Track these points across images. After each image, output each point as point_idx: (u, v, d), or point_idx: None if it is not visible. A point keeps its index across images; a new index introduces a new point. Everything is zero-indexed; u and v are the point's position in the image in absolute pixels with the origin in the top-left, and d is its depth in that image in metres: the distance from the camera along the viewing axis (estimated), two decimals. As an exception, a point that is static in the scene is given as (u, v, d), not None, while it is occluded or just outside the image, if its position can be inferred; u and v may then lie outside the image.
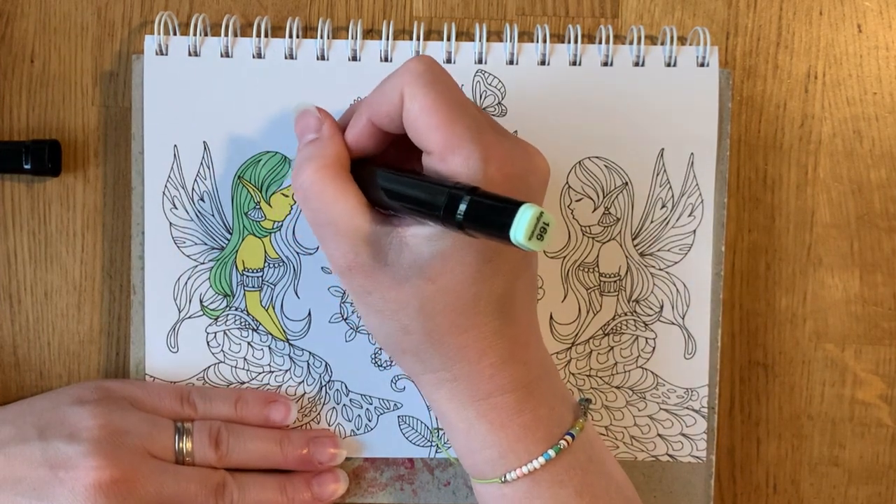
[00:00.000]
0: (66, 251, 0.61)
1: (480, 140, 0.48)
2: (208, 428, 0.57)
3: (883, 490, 0.64)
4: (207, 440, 0.57)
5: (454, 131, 0.48)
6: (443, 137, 0.48)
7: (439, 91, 0.49)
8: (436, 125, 0.49)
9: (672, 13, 0.62)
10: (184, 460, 0.57)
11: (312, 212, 0.51)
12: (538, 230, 0.42)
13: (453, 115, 0.49)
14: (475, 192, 0.45)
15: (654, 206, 0.60)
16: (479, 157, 0.48)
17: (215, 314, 0.60)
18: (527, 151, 0.51)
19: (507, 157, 0.49)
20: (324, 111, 0.54)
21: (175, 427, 0.57)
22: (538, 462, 0.51)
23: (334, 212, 0.51)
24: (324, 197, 0.51)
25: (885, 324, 0.63)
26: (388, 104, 0.50)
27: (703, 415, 0.61)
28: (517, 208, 0.42)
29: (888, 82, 0.62)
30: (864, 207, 0.63)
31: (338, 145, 0.52)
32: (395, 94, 0.50)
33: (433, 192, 0.46)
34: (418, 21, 0.61)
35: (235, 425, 0.58)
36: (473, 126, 0.49)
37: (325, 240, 0.52)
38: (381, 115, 0.51)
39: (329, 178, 0.51)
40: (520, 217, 0.42)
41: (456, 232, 0.46)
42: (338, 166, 0.52)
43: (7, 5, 0.61)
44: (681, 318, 0.61)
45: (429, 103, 0.49)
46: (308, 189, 0.51)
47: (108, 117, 0.61)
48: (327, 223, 0.51)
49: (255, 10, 0.61)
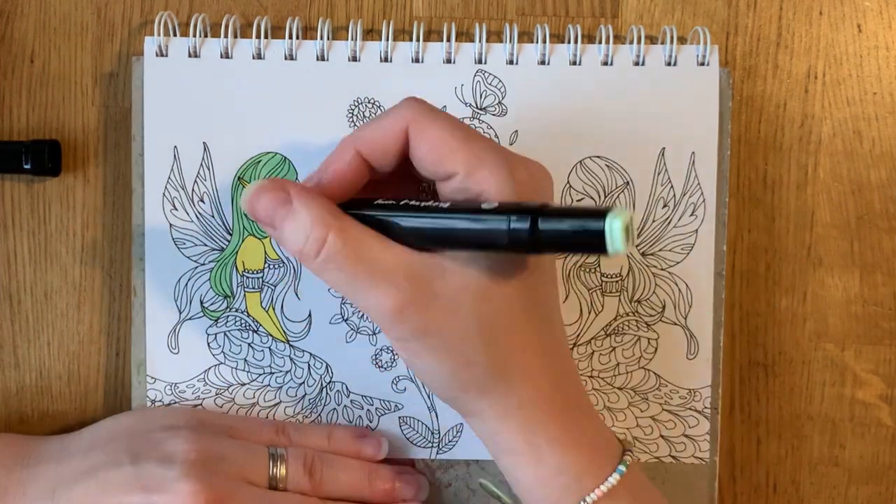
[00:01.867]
0: (66, 251, 0.61)
1: (501, 151, 0.49)
2: (303, 455, 0.57)
3: (883, 490, 0.64)
4: (302, 468, 0.56)
5: (474, 148, 0.49)
6: (465, 156, 0.48)
7: (445, 119, 0.50)
8: (456, 147, 0.49)
9: (672, 13, 0.62)
10: (277, 486, 0.56)
11: (342, 271, 0.48)
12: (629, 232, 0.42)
13: (468, 136, 0.49)
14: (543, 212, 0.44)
15: (656, 205, 0.60)
16: (506, 166, 0.48)
17: (216, 315, 0.60)
18: (535, 163, 0.51)
19: (524, 165, 0.50)
20: (278, 179, 0.51)
21: (269, 453, 0.57)
22: (614, 479, 0.50)
23: (366, 259, 0.48)
24: (348, 251, 0.48)
25: (885, 324, 0.63)
26: (387, 138, 0.50)
27: (706, 415, 0.61)
28: (603, 218, 0.42)
29: (888, 82, 0.62)
30: (864, 207, 0.63)
31: (322, 200, 0.49)
32: (398, 129, 0.49)
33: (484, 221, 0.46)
34: (418, 21, 0.61)
35: (328, 455, 0.58)
36: (491, 144, 0.50)
37: (363, 292, 0.49)
38: (377, 148, 0.50)
39: (343, 232, 0.48)
40: (612, 228, 0.42)
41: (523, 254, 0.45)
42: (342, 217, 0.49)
43: (7, 5, 0.61)
44: (683, 319, 0.61)
45: (440, 130, 0.49)
46: (328, 255, 0.48)
47: (108, 117, 0.61)
48: (362, 274, 0.48)
49: (255, 11, 0.61)
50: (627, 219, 0.42)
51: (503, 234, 0.45)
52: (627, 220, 0.42)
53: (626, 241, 0.42)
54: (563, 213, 0.44)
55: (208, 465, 0.54)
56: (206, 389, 0.60)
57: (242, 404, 0.61)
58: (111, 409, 0.62)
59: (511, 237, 0.45)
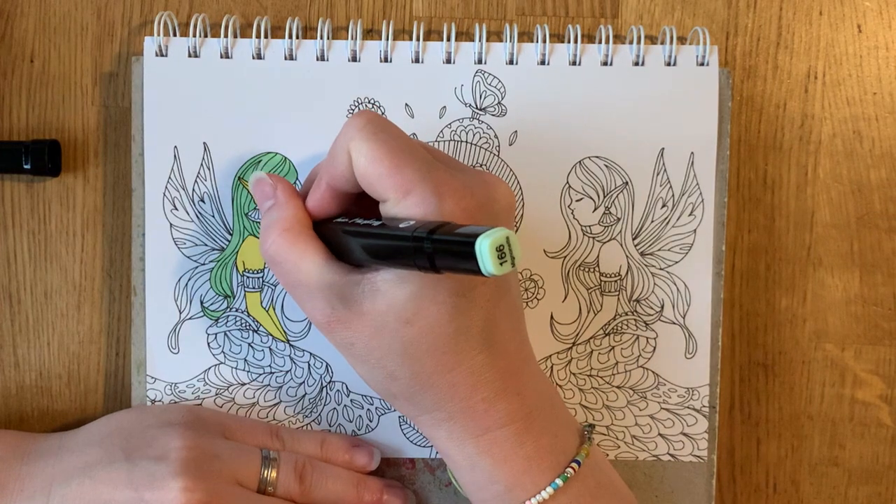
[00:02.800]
0: (66, 251, 0.61)
1: (431, 178, 0.49)
2: (294, 461, 0.57)
3: (883, 490, 0.64)
4: (293, 473, 0.57)
5: (404, 175, 0.48)
6: (394, 183, 0.49)
7: (382, 140, 0.49)
8: (385, 172, 0.49)
9: (672, 13, 0.62)
10: (265, 490, 0.56)
11: (283, 274, 0.52)
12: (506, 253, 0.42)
13: (401, 160, 0.49)
14: (434, 232, 0.44)
15: (655, 205, 0.60)
16: (432, 194, 0.48)
17: (216, 315, 0.60)
18: (485, 181, 0.51)
19: (464, 190, 0.49)
20: (275, 176, 0.55)
21: (262, 456, 0.57)
22: (546, 493, 0.51)
23: (302, 270, 0.51)
24: (290, 258, 0.51)
25: (885, 324, 0.63)
26: (340, 165, 0.50)
27: (704, 414, 0.61)
28: (474, 241, 0.42)
29: (888, 82, 0.62)
30: (864, 207, 0.63)
31: (295, 207, 0.53)
32: (344, 154, 0.50)
33: (396, 239, 0.46)
34: (418, 21, 0.61)
35: (318, 462, 0.58)
36: (423, 167, 0.49)
37: (300, 299, 0.52)
38: (337, 177, 0.51)
39: (291, 239, 0.52)
40: (480, 250, 0.42)
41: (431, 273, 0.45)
42: (298, 226, 0.52)
43: (7, 5, 0.61)
44: (681, 318, 0.61)
45: (374, 153, 0.49)
46: (274, 253, 0.52)
47: (108, 117, 0.61)
48: (298, 283, 0.51)
49: (254, 11, 0.61)
50: (501, 240, 0.42)
51: (407, 251, 0.46)
52: (500, 240, 0.42)
53: (498, 262, 0.42)
54: (452, 232, 0.44)
55: (201, 464, 0.54)
56: (206, 389, 0.60)
57: (242, 404, 0.61)
58: (111, 409, 0.62)
59: (407, 252, 0.46)
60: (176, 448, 0.54)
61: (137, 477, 0.53)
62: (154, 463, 0.54)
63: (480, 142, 0.60)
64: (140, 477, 0.53)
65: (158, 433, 0.56)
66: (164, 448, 0.55)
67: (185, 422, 0.57)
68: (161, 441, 0.55)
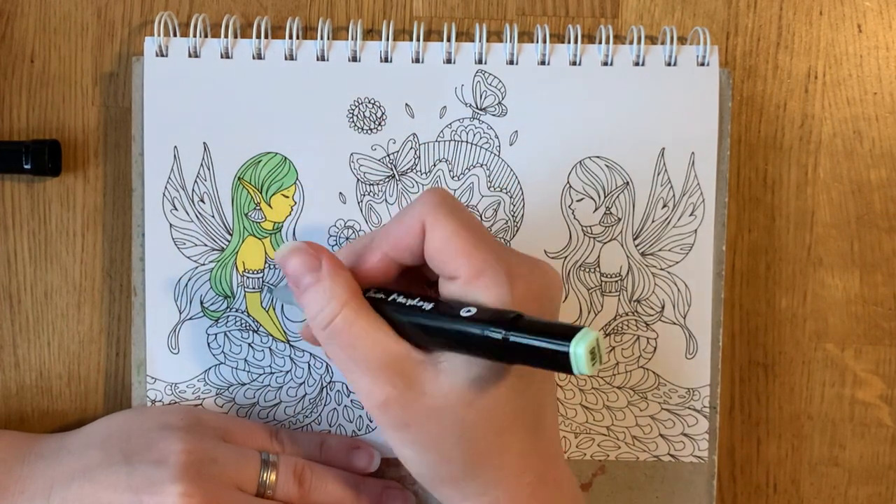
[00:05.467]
0: (66, 251, 0.61)
1: (504, 262, 0.49)
2: (293, 464, 0.57)
3: (883, 490, 0.64)
4: (292, 476, 0.57)
5: (479, 256, 0.48)
6: (469, 263, 0.48)
7: (460, 219, 0.49)
8: (461, 251, 0.48)
9: (672, 13, 0.62)
10: (264, 493, 0.56)
11: (341, 349, 0.50)
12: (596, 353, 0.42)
13: (477, 241, 0.49)
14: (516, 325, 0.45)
15: (656, 205, 0.60)
16: (505, 279, 0.48)
17: (216, 315, 0.60)
18: (542, 269, 0.51)
19: (530, 277, 0.49)
20: (316, 245, 0.52)
21: (261, 459, 0.57)
22: None
23: (366, 347, 0.49)
24: (353, 332, 0.49)
25: (885, 324, 0.63)
26: (409, 236, 0.50)
27: (705, 415, 0.61)
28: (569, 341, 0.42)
29: (888, 82, 0.62)
30: (864, 207, 0.63)
31: (348, 278, 0.51)
32: (417, 226, 0.49)
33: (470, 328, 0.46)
34: (418, 21, 0.61)
35: (317, 465, 0.58)
36: (497, 249, 0.49)
37: (355, 376, 0.50)
38: (401, 247, 0.50)
39: (353, 315, 0.50)
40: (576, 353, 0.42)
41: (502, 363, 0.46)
42: (357, 300, 0.50)
43: (7, 5, 0.61)
44: (682, 318, 0.61)
45: (451, 230, 0.49)
46: (334, 330, 0.50)
47: (108, 117, 0.61)
48: (359, 359, 0.49)
49: (255, 11, 0.61)
50: (593, 342, 0.42)
51: (479, 341, 0.46)
52: (593, 343, 0.42)
53: (591, 363, 0.42)
54: (535, 329, 0.44)
55: (200, 467, 0.54)
56: (207, 389, 0.60)
57: (242, 404, 0.61)
58: (111, 409, 0.62)
59: (485, 346, 0.46)
60: (175, 452, 0.54)
61: (137, 481, 0.53)
62: (153, 467, 0.54)
63: (481, 142, 0.60)
64: (140, 481, 0.53)
65: (158, 436, 0.56)
66: (163, 452, 0.55)
67: (185, 425, 0.57)
68: (160, 444, 0.55)
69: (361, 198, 0.60)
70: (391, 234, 0.51)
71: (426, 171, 0.60)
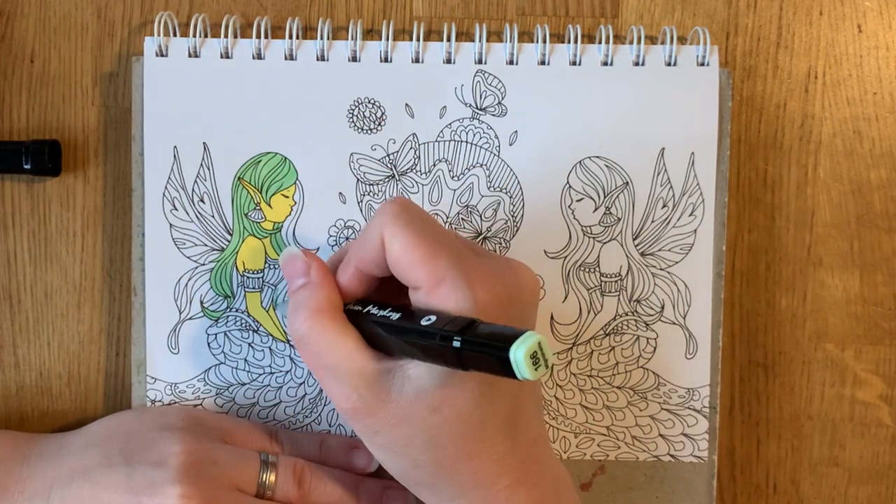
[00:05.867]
0: (66, 251, 0.61)
1: (463, 267, 0.49)
2: (293, 465, 0.57)
3: (883, 490, 0.64)
4: (292, 477, 0.57)
5: (437, 264, 0.49)
6: (426, 271, 0.49)
7: (416, 228, 0.49)
8: (419, 261, 0.49)
9: (672, 13, 0.62)
10: (264, 494, 0.56)
11: (311, 356, 0.51)
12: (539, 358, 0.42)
13: (434, 249, 0.49)
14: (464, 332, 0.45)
15: (655, 205, 0.60)
16: (464, 284, 0.48)
17: (216, 315, 0.60)
18: (513, 269, 0.51)
19: (494, 279, 0.49)
20: (310, 254, 0.54)
21: (261, 460, 0.57)
22: None
23: (333, 356, 0.50)
24: (321, 341, 0.51)
25: (885, 324, 0.63)
26: (372, 250, 0.50)
27: (705, 415, 0.61)
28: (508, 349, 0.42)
29: (888, 82, 0.62)
30: (864, 207, 0.63)
31: (328, 288, 0.52)
32: (376, 239, 0.50)
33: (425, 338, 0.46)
34: (418, 21, 0.61)
35: (317, 466, 0.58)
36: (454, 255, 0.49)
37: (325, 383, 0.51)
38: (367, 261, 0.51)
39: (325, 323, 0.51)
40: (515, 359, 0.42)
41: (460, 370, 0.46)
42: (332, 310, 0.51)
43: (7, 5, 0.61)
44: (682, 318, 0.61)
45: (407, 241, 0.49)
46: (304, 335, 0.51)
47: (108, 117, 0.61)
48: (327, 367, 0.51)
49: (255, 11, 0.61)
50: (534, 346, 0.42)
51: (434, 350, 0.46)
52: (534, 347, 0.42)
53: (533, 368, 0.42)
54: (482, 336, 0.44)
55: (199, 469, 0.54)
56: (207, 389, 0.60)
57: (242, 404, 0.61)
58: (111, 409, 0.62)
59: (440, 354, 0.46)
60: (174, 454, 0.54)
61: (136, 482, 0.53)
62: (153, 468, 0.54)
63: (480, 142, 0.60)
64: (139, 482, 0.53)
65: (157, 437, 0.56)
66: (162, 453, 0.55)
67: (184, 426, 0.57)
68: (160, 445, 0.55)
69: (361, 198, 0.60)
70: (357, 249, 0.52)
71: (426, 171, 0.60)
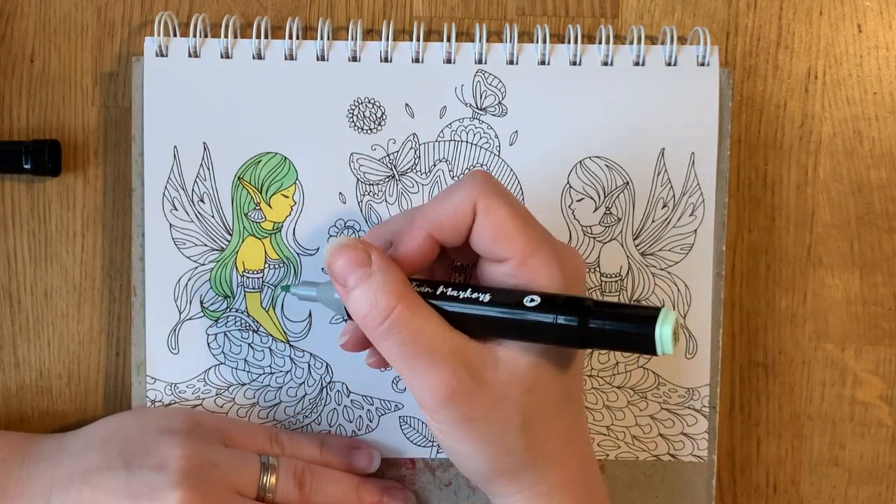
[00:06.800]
0: (66, 251, 0.61)
1: (552, 243, 0.50)
2: (293, 467, 0.57)
3: (883, 490, 0.64)
4: (293, 479, 0.57)
5: (530, 238, 0.49)
6: (521, 245, 0.49)
7: (510, 202, 0.50)
8: (514, 233, 0.49)
9: (672, 13, 0.62)
10: (265, 496, 0.56)
11: (401, 345, 0.48)
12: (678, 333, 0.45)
13: (525, 224, 0.49)
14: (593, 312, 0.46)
15: (656, 205, 0.60)
16: (556, 257, 0.49)
17: (216, 315, 0.60)
18: (576, 253, 0.53)
19: (569, 259, 0.51)
20: (363, 241, 0.50)
21: (261, 462, 0.57)
22: None
23: (429, 339, 0.48)
24: (413, 326, 0.48)
25: (885, 324, 0.63)
26: (457, 216, 0.49)
27: (705, 414, 0.61)
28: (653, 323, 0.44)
29: (888, 82, 0.62)
30: (864, 207, 0.63)
31: (399, 271, 0.49)
32: (467, 206, 0.49)
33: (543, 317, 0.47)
34: (418, 21, 0.61)
35: (317, 467, 0.58)
36: (542, 231, 0.50)
37: (417, 371, 0.49)
38: (447, 228, 0.50)
39: (412, 307, 0.49)
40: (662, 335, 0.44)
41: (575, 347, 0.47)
42: (412, 293, 0.49)
43: (7, 5, 0.61)
44: (682, 318, 0.61)
45: (504, 213, 0.49)
46: (393, 324, 0.48)
47: (108, 117, 0.61)
48: (421, 353, 0.48)
49: (255, 11, 0.61)
50: (676, 324, 0.44)
51: (551, 329, 0.47)
52: (676, 324, 0.44)
53: (674, 343, 0.44)
54: (613, 314, 0.46)
55: (200, 473, 0.54)
56: (207, 389, 0.60)
57: (242, 404, 0.61)
58: (111, 409, 0.62)
59: (561, 334, 0.47)
60: (175, 458, 0.54)
61: (136, 487, 0.53)
62: (153, 473, 0.54)
63: (481, 142, 0.60)
64: (139, 487, 0.53)
65: (157, 440, 0.56)
66: (162, 457, 0.54)
67: (184, 429, 0.57)
68: (160, 449, 0.55)
69: (361, 198, 0.60)
70: (437, 215, 0.50)
71: (426, 171, 0.60)
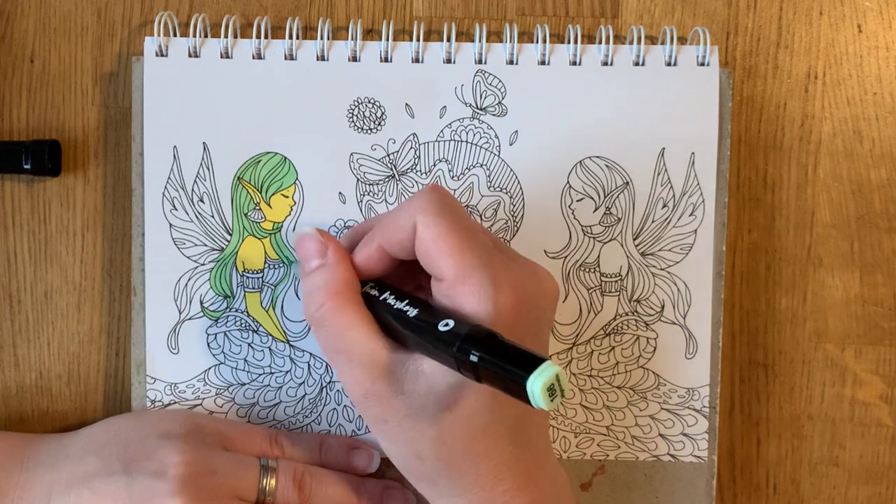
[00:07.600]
0: (66, 251, 0.61)
1: (490, 266, 0.49)
2: (293, 469, 0.57)
3: (883, 490, 0.64)
4: (292, 482, 0.57)
5: (465, 259, 0.49)
6: (454, 264, 0.49)
7: (450, 219, 0.50)
8: (447, 252, 0.49)
9: (672, 13, 0.62)
10: (265, 500, 0.56)
11: (326, 339, 0.51)
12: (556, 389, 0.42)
13: (464, 243, 0.49)
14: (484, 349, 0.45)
15: (655, 205, 0.60)
16: (489, 285, 0.48)
17: (215, 315, 0.60)
18: (536, 274, 0.51)
19: (518, 283, 0.49)
20: (326, 234, 0.54)
21: (261, 465, 0.57)
22: None
23: (349, 339, 0.50)
24: (338, 324, 0.51)
25: (885, 324, 0.63)
26: (401, 232, 0.50)
27: (705, 414, 0.61)
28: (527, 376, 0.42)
29: (888, 82, 0.62)
30: (864, 207, 0.63)
31: (347, 270, 0.52)
32: (408, 223, 0.50)
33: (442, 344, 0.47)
34: (418, 21, 0.61)
35: (317, 469, 0.58)
36: (483, 253, 0.49)
37: (339, 367, 0.52)
38: (393, 242, 0.51)
39: (342, 305, 0.51)
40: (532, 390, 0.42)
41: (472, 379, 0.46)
42: (350, 292, 0.51)
43: (7, 5, 0.61)
44: (682, 318, 0.61)
45: (440, 232, 0.49)
46: (322, 317, 0.51)
47: (108, 117, 0.61)
48: (342, 350, 0.51)
49: (255, 11, 0.61)
50: (551, 379, 0.42)
51: (450, 359, 0.46)
52: (551, 380, 0.42)
53: (548, 399, 0.42)
54: (500, 354, 0.44)
55: (199, 480, 0.54)
56: (206, 389, 0.60)
57: (242, 404, 0.61)
58: (111, 409, 0.62)
59: (458, 366, 0.46)
60: (174, 464, 0.54)
61: (136, 492, 0.53)
62: (152, 479, 0.54)
63: (481, 142, 0.60)
64: (139, 492, 0.53)
65: (157, 445, 0.56)
66: (162, 462, 0.54)
67: (184, 433, 0.57)
68: (159, 454, 0.55)
69: (361, 198, 0.60)
70: (386, 227, 0.51)
71: (426, 170, 0.60)
